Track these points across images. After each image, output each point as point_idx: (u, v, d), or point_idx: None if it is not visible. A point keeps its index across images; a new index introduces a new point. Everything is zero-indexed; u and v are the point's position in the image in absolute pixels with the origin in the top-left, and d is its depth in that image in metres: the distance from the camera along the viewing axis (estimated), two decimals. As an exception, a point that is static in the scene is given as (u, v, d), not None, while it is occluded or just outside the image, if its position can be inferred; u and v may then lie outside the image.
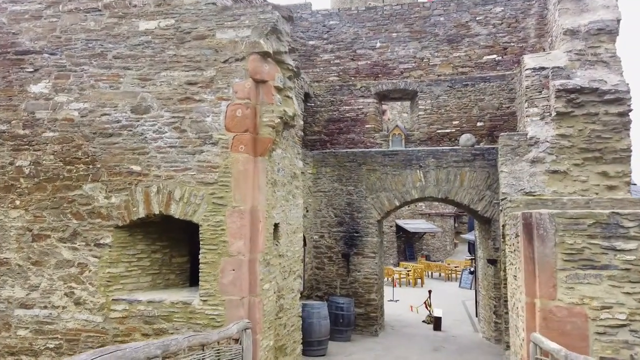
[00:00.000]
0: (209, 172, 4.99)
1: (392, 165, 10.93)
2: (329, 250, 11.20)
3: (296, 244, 6.41)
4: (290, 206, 6.20)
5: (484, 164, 10.41)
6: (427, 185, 10.68)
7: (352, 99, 12.08)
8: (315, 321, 8.03)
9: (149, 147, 5.15)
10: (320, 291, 11.18)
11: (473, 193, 10.40)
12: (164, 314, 4.95)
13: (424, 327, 11.90)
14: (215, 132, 5.01)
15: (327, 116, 12.20)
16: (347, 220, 11.15)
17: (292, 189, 6.29)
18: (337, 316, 9.91)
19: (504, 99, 11.23)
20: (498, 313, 9.87)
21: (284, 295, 5.92)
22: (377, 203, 10.98)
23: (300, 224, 6.64)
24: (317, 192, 11.37)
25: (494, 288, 9.99)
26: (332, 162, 11.34)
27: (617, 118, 7.89)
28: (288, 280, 6.07)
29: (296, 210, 6.48)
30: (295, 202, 6.44)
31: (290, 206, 6.23)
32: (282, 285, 5.84)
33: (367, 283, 10.92)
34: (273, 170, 5.56)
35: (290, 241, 6.17)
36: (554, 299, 4.21)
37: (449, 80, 11.59)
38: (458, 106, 11.45)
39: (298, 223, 6.54)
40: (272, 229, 5.46)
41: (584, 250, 4.19)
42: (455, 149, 10.67)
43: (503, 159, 8.61)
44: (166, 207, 5.06)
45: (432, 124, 11.59)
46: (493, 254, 10.12)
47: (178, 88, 5.13)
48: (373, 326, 10.79)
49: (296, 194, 6.48)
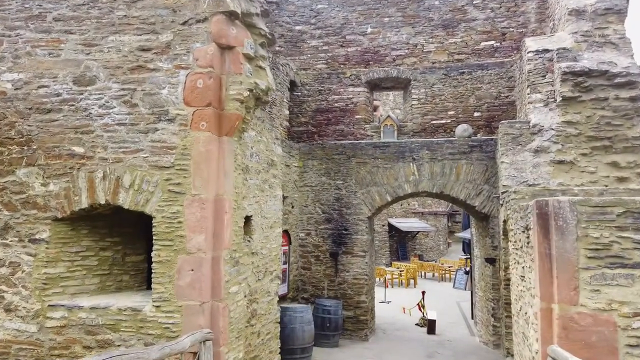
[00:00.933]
0: (164, 154, 4.20)
1: (384, 157, 10.20)
2: (316, 249, 10.44)
3: (273, 240, 5.64)
4: (266, 197, 5.43)
5: (482, 156, 9.73)
6: (420, 179, 9.96)
7: (341, 88, 11.33)
8: (298, 326, 7.26)
9: (94, 124, 4.35)
10: (306, 293, 10.41)
11: (470, 187, 9.70)
12: (109, 323, 4.15)
13: (417, 330, 11.19)
14: (172, 107, 4.22)
15: (315, 106, 11.43)
16: (335, 216, 10.40)
17: (268, 178, 5.51)
18: (324, 320, 9.15)
19: (503, 88, 10.54)
20: (497, 316, 9.17)
21: (258, 299, 5.14)
22: (367, 198, 10.25)
23: (278, 217, 5.87)
24: (303, 187, 10.61)
25: (493, 289, 9.29)
26: (319, 154, 10.58)
27: (628, 103, 7.21)
28: (263, 282, 5.29)
29: (274, 202, 5.70)
30: (273, 193, 5.67)
31: (267, 197, 5.46)
32: (256, 288, 5.06)
33: (357, 284, 10.18)
34: (244, 155, 4.79)
35: (266, 237, 5.39)
36: (575, 304, 3.48)
37: (444, 68, 10.88)
38: (454, 95, 10.75)
39: (276, 217, 5.77)
40: (242, 223, 4.68)
41: (612, 245, 3.46)
42: (451, 141, 9.96)
43: (503, 149, 7.90)
44: (113, 196, 4.26)
45: (426, 114, 10.87)
46: (491, 253, 9.42)
47: (129, 55, 4.34)
48: (363, 330, 10.05)
49: (274, 183, 5.70)
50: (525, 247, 4.58)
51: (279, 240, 5.84)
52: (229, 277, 4.31)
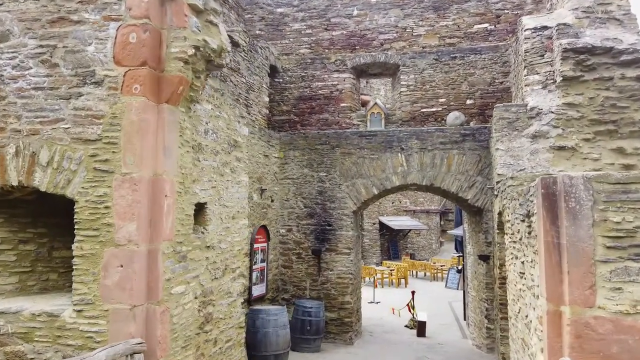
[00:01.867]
0: (89, 125, 3.44)
1: (370, 148, 9.49)
2: (298, 245, 9.70)
3: (237, 233, 4.89)
4: (227, 183, 4.68)
5: (475, 145, 9.05)
6: (409, 170, 9.26)
7: (325, 74, 10.60)
8: (271, 331, 6.51)
9: (6, 89, 3.58)
10: (287, 293, 9.67)
11: (462, 179, 9.02)
12: (21, 331, 3.39)
13: (407, 332, 10.49)
14: (100, 67, 3.47)
15: (298, 94, 10.69)
16: (318, 211, 9.67)
17: (230, 161, 4.77)
18: (304, 322, 8.41)
19: (497, 73, 9.87)
20: (491, 317, 8.50)
21: (215, 300, 4.39)
22: (352, 191, 9.53)
23: (244, 207, 5.12)
24: (284, 180, 9.86)
25: (486, 288, 8.61)
26: (301, 144, 9.85)
27: (635, 83, 6.55)
28: (222, 281, 4.54)
29: (237, 189, 4.96)
30: (236, 178, 4.92)
31: (228, 183, 4.71)
32: (211, 288, 4.31)
33: (341, 283, 9.45)
34: (195, 130, 4.04)
35: (226, 229, 4.64)
36: (592, 306, 2.78)
37: (434, 53, 10.19)
38: (445, 82, 10.06)
39: (240, 206, 5.02)
40: (191, 210, 3.93)
41: (638, 232, 2.76)
42: (442, 129, 9.28)
43: (498, 135, 7.22)
44: (28, 176, 3.49)
45: (416, 102, 10.17)
46: (485, 249, 8.74)
47: (49, 5, 3.57)
48: (347, 333, 9.32)
49: (237, 168, 4.96)
50: (525, 239, 3.88)
51: (245, 233, 5.09)
52: (171, 274, 3.55)
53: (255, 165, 8.76)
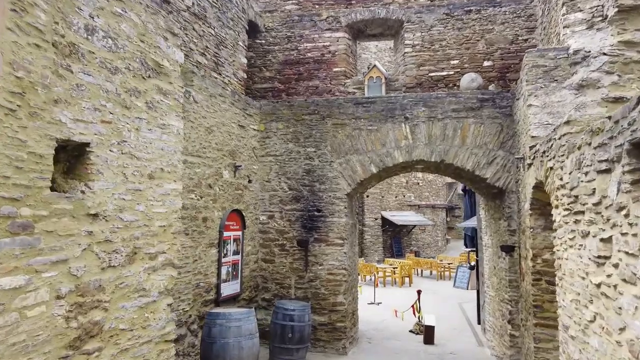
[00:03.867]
0: None
1: (368, 117, 7.87)
2: (281, 235, 8.09)
3: (159, 200, 3.28)
4: (138, 122, 3.08)
5: (495, 113, 7.41)
6: (415, 144, 7.63)
7: (315, 34, 8.98)
8: (232, 342, 4.89)
9: None
10: (268, 293, 8.06)
11: (479, 154, 7.38)
12: None
13: (412, 339, 8.86)
14: None
15: (283, 57, 9.08)
16: (305, 194, 8.05)
17: (146, 91, 3.16)
18: (284, 329, 6.80)
19: (521, 29, 8.21)
20: (515, 322, 6.83)
21: (108, 302, 2.78)
22: (346, 170, 7.90)
23: (173, 164, 3.50)
24: (265, 157, 8.26)
25: (509, 287, 6.94)
26: (285, 115, 8.24)
27: None
28: (125, 271, 2.94)
29: (162, 136, 3.34)
30: (158, 120, 3.31)
31: (141, 123, 3.11)
32: (99, 282, 2.71)
33: (333, 281, 7.83)
34: (64, 19, 2.43)
35: (135, 192, 3.03)
36: None
37: (445, 6, 8.55)
38: (458, 40, 8.42)
39: (167, 162, 3.41)
40: (48, 150, 2.33)
41: None
42: (455, 94, 7.64)
43: (531, 88, 5.57)
44: None
45: (423, 64, 8.52)
46: (508, 239, 7.08)
47: None
48: (340, 341, 7.69)
49: (161, 105, 3.35)
50: (615, 199, 2.23)
51: (176, 204, 3.46)
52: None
53: (227, 136, 7.15)
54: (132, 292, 2.95)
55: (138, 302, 3.00)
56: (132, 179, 2.97)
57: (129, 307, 2.92)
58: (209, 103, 6.68)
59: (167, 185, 3.34)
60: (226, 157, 7.11)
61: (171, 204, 3.38)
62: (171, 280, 3.35)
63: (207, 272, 6.52)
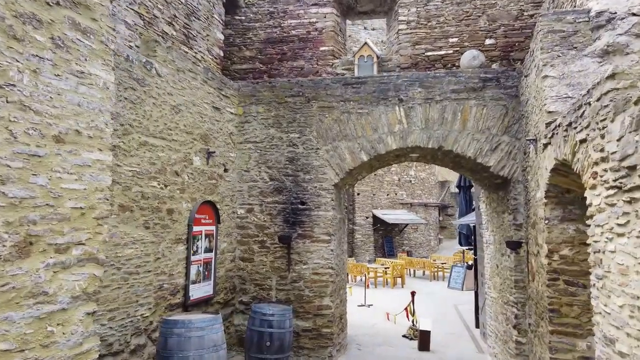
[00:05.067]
0: None
1: (358, 100, 7.07)
2: (261, 231, 7.24)
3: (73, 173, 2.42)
4: (44, 65, 2.24)
5: (500, 94, 6.66)
6: (410, 129, 6.85)
7: (300, 9, 8.15)
8: (192, 355, 4.03)
9: None
10: (246, 295, 7.20)
11: (482, 139, 6.62)
12: None
13: (406, 344, 8.07)
14: None
15: (265, 35, 8.23)
16: (288, 185, 7.22)
17: (52, 21, 2.33)
18: (262, 336, 5.95)
19: (526, 4, 7.47)
20: (522, 328, 6.07)
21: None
22: (334, 158, 7.09)
23: (100, 130, 2.64)
24: (243, 143, 7.41)
25: (515, 287, 6.18)
26: (266, 97, 7.40)
27: None
28: (13, 268, 2.07)
29: (80, 87, 2.49)
30: (73, 65, 2.47)
31: (42, 64, 2.26)
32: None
33: (318, 281, 7.00)
34: None
35: (34, 158, 2.19)
36: None
37: (443, -21, 7.78)
38: (457, 16, 7.65)
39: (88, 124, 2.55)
40: None
41: None
42: (455, 73, 6.88)
43: (547, 57, 4.80)
44: None
45: (419, 42, 7.73)
46: (514, 235, 6.31)
47: None
48: (326, 348, 6.87)
49: (80, 48, 2.51)
50: None
51: (104, 181, 2.59)
52: None
53: (198, 118, 6.29)
54: (23, 297, 2.09)
55: (34, 311, 2.14)
56: (24, 140, 2.10)
57: (18, 318, 2.06)
58: (175, 78, 5.82)
59: (87, 155, 2.48)
60: (197, 142, 6.26)
61: (93, 180, 2.52)
62: (93, 281, 2.49)
63: (172, 271, 5.65)
